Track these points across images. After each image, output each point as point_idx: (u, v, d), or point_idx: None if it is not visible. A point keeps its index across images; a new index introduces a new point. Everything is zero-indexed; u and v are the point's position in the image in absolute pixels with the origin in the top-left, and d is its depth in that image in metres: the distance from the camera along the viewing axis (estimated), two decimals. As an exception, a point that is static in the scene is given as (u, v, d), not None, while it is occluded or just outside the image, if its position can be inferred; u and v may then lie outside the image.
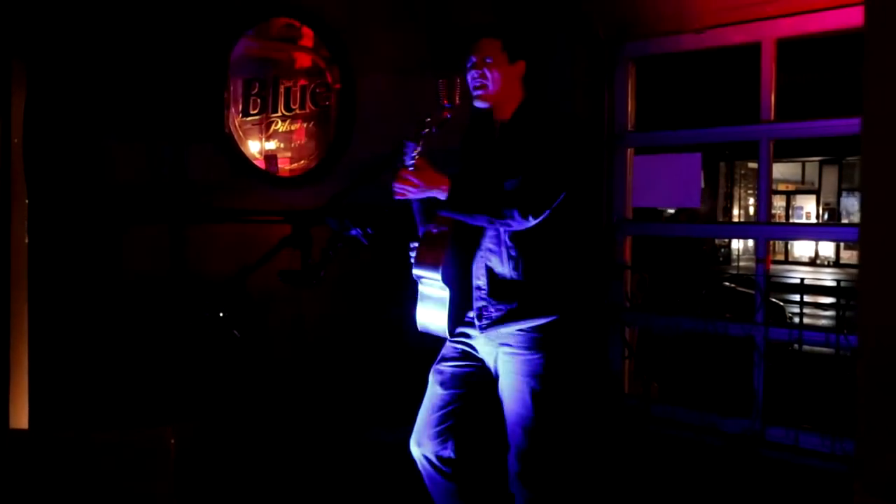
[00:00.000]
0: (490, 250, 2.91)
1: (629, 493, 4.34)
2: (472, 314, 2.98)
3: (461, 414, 3.05)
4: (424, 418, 3.10)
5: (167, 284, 3.96)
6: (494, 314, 2.91)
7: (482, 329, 2.94)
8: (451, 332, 2.98)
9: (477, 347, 3.02)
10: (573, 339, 2.97)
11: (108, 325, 3.77)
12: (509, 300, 2.89)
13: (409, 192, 2.76)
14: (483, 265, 2.93)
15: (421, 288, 2.97)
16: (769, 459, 4.71)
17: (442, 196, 2.73)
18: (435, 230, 2.88)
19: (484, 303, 2.93)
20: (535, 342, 2.88)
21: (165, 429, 2.01)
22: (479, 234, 2.92)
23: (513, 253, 2.88)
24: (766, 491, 4.40)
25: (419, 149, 2.69)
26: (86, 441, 2.19)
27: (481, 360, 3.03)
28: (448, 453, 3.04)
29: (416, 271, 2.92)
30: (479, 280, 2.94)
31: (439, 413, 3.04)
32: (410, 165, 2.71)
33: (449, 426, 3.03)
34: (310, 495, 3.65)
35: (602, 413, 5.41)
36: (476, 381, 3.04)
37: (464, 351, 3.06)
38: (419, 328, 3.06)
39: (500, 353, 2.94)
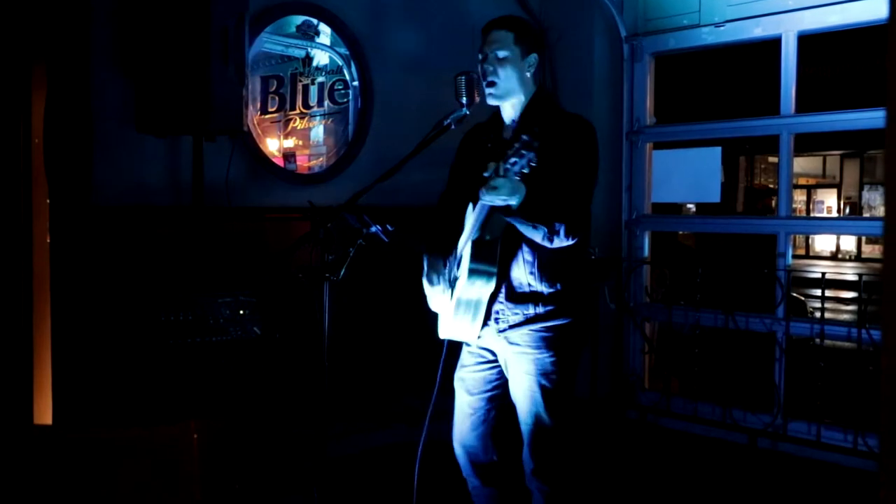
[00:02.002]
0: (508, 254, 2.87)
1: (649, 489, 4.33)
2: (489, 317, 2.94)
3: (495, 416, 3.04)
4: (459, 426, 3.09)
5: (187, 282, 3.98)
6: (512, 318, 2.88)
7: (500, 332, 2.91)
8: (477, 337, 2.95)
9: (491, 347, 3.01)
10: (580, 337, 2.96)
11: (130, 323, 3.79)
12: (525, 304, 2.87)
13: (497, 200, 2.60)
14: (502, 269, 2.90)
15: (459, 296, 2.90)
16: (791, 454, 4.68)
17: (515, 203, 2.60)
18: (488, 237, 2.80)
19: (501, 306, 2.90)
20: (544, 341, 2.86)
21: (188, 424, 2.02)
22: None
23: (528, 257, 2.85)
24: (788, 486, 4.38)
25: (531, 156, 2.49)
26: (109, 437, 2.21)
27: (497, 360, 3.02)
28: (489, 457, 3.05)
29: (469, 281, 2.81)
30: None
31: (472, 419, 3.04)
32: (517, 174, 2.52)
33: (485, 430, 3.03)
34: (335, 493, 3.66)
35: (622, 409, 5.40)
36: (500, 381, 3.02)
37: (481, 353, 3.04)
38: (441, 336, 3.04)
39: (510, 351, 2.91)
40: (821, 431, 4.64)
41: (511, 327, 2.89)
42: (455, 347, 3.12)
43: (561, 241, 2.73)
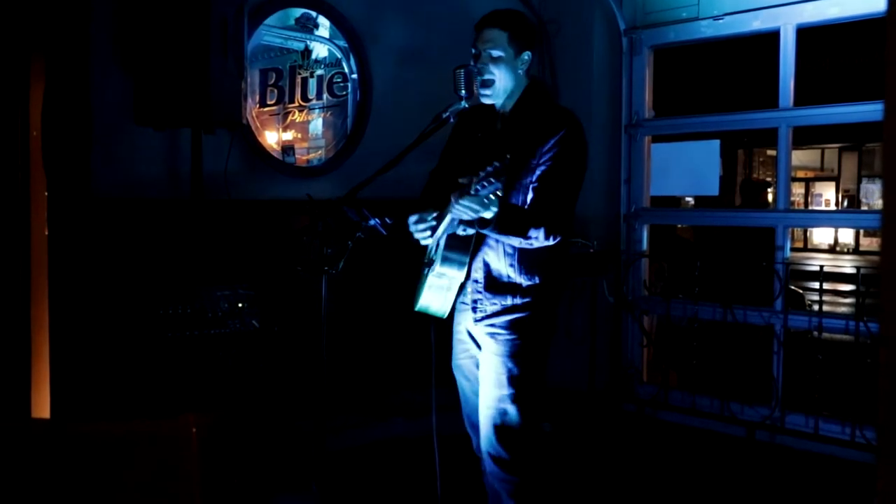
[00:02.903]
0: (489, 245, 2.90)
1: (647, 481, 4.33)
2: (465, 301, 2.98)
3: None
4: (466, 406, 3.13)
5: (185, 275, 3.98)
6: (489, 308, 2.92)
7: (476, 321, 2.94)
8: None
9: (470, 331, 3.04)
10: (551, 326, 2.99)
11: (129, 316, 3.80)
12: (503, 295, 2.90)
13: (465, 217, 2.65)
14: (481, 259, 2.92)
15: (432, 278, 2.94)
16: (789, 447, 4.69)
17: (488, 216, 2.63)
18: (461, 233, 2.83)
19: (479, 296, 2.93)
20: (514, 324, 2.89)
21: (186, 418, 2.01)
22: None
23: (509, 250, 2.87)
24: (786, 479, 4.39)
25: (499, 185, 2.53)
26: (107, 430, 2.21)
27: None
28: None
29: (440, 268, 2.87)
30: (477, 273, 2.93)
31: (476, 399, 3.04)
32: (486, 196, 2.55)
33: None
34: (334, 486, 3.67)
35: (619, 401, 5.41)
36: None
37: (465, 340, 3.08)
38: (418, 308, 3.06)
39: (483, 332, 2.95)
40: (819, 424, 4.65)
41: (488, 317, 2.92)
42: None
43: (541, 243, 2.78)
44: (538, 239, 2.75)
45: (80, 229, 3.89)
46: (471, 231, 2.83)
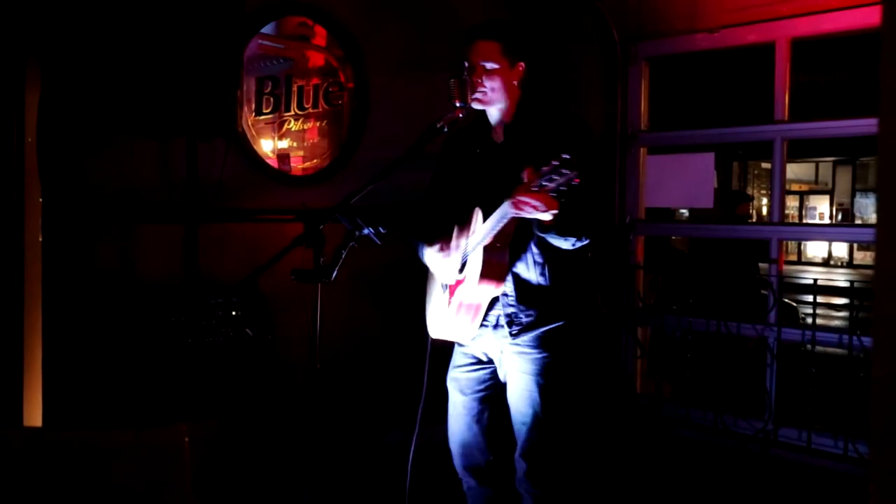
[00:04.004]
0: (516, 257, 2.85)
1: (640, 494, 4.33)
2: (489, 320, 2.92)
3: (489, 416, 3.03)
4: (454, 425, 3.09)
5: (180, 283, 3.97)
6: (525, 320, 2.87)
7: (513, 335, 2.88)
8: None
9: (487, 348, 3.00)
10: (580, 338, 2.94)
11: (122, 324, 3.79)
12: (537, 305, 2.86)
13: (530, 212, 2.51)
14: (510, 272, 2.87)
15: (456, 296, 2.91)
16: (781, 460, 4.69)
17: (548, 217, 2.54)
18: (499, 244, 2.76)
19: (513, 309, 2.87)
20: (543, 341, 2.86)
21: (179, 427, 2.01)
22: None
23: (539, 259, 2.84)
24: (778, 492, 4.38)
25: (572, 176, 2.36)
26: (98, 439, 2.20)
27: (491, 360, 3.01)
28: (485, 457, 3.03)
29: (483, 276, 2.76)
30: (507, 286, 2.86)
31: (467, 418, 3.03)
32: (553, 190, 2.39)
33: (480, 430, 3.03)
34: (326, 495, 3.65)
35: (614, 413, 5.40)
36: (493, 381, 3.02)
37: (474, 354, 3.04)
38: (433, 336, 3.05)
39: (510, 351, 2.91)
40: (811, 437, 4.64)
41: (524, 330, 2.87)
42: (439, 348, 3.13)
43: (581, 244, 2.73)
44: (583, 240, 2.70)
45: (74, 236, 3.88)
46: (506, 240, 2.76)
